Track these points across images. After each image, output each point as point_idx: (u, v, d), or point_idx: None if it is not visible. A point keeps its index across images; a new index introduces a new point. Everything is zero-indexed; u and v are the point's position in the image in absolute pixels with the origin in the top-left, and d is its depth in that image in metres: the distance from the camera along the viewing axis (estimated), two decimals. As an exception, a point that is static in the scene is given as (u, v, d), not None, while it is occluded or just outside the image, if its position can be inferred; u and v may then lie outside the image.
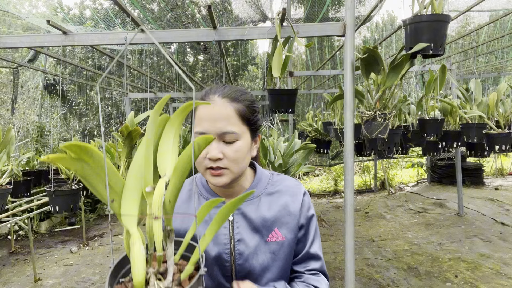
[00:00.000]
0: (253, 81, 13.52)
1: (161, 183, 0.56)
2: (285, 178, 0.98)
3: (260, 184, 0.95)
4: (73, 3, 15.31)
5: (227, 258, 0.87)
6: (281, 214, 0.91)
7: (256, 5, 4.35)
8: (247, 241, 0.88)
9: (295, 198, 0.93)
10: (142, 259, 0.52)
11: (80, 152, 0.51)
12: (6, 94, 7.57)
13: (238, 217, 0.90)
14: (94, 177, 0.55)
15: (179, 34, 2.19)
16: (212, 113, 0.83)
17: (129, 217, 0.56)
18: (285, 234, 0.90)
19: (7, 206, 3.88)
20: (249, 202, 0.91)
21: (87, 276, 3.87)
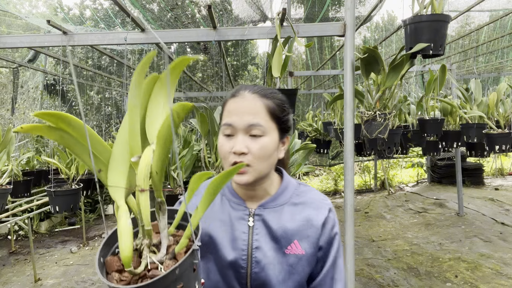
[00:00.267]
0: (253, 81, 13.51)
1: (147, 152, 0.52)
2: (311, 190, 0.95)
3: (286, 193, 0.91)
4: (73, 3, 15.33)
5: (243, 264, 0.85)
6: (303, 227, 0.86)
7: (256, 5, 4.35)
8: (265, 249, 0.85)
9: (319, 212, 0.89)
10: (128, 233, 0.49)
11: (57, 121, 0.48)
12: (6, 94, 7.57)
13: (258, 223, 0.87)
14: (77, 147, 0.51)
15: (179, 34, 2.19)
16: (241, 107, 0.82)
17: (116, 189, 0.53)
18: (305, 248, 0.85)
19: (7, 206, 3.88)
20: (272, 210, 0.88)
21: (87, 276, 3.87)
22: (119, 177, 0.53)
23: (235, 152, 0.80)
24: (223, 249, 0.86)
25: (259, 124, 0.80)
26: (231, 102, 0.85)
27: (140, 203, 0.52)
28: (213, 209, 0.91)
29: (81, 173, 2.62)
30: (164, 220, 0.56)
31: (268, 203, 0.88)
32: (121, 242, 0.49)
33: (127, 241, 0.49)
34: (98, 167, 0.54)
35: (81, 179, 2.72)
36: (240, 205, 0.89)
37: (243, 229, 0.87)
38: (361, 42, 8.50)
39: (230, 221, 0.88)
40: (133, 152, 0.53)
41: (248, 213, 0.88)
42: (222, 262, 0.86)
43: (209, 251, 0.88)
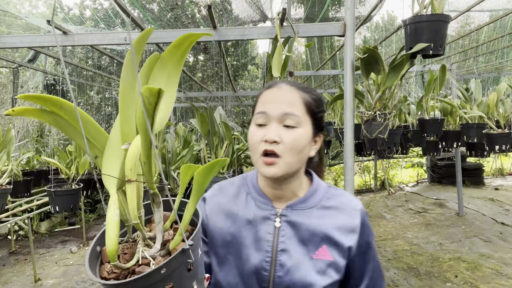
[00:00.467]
0: (253, 81, 13.52)
1: (136, 140, 0.49)
2: (343, 194, 0.89)
3: (315, 196, 0.86)
4: (73, 3, 15.34)
5: (266, 267, 0.80)
6: (333, 232, 0.81)
7: (256, 5, 4.35)
8: (291, 252, 0.80)
9: (352, 220, 0.83)
10: (114, 225, 0.47)
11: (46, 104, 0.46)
12: (6, 94, 7.57)
13: (285, 224, 0.82)
14: (71, 131, 0.49)
15: (179, 34, 2.18)
16: (277, 96, 0.80)
17: (109, 177, 0.50)
18: (334, 255, 0.80)
19: (7, 206, 3.88)
20: (300, 212, 0.83)
21: (87, 276, 3.87)
22: (114, 165, 0.50)
23: (266, 140, 0.76)
24: (245, 249, 0.82)
25: (294, 114, 0.77)
26: (266, 93, 0.83)
27: (127, 194, 0.49)
28: (237, 207, 0.87)
29: (81, 173, 2.62)
30: (159, 213, 0.54)
31: (296, 204, 0.84)
32: (106, 235, 0.47)
33: (113, 234, 0.46)
34: (94, 153, 0.52)
35: (81, 179, 2.72)
36: (267, 204, 0.85)
37: (268, 229, 0.82)
38: (361, 42, 8.50)
39: (255, 221, 0.84)
40: (125, 139, 0.50)
41: (274, 213, 0.83)
42: (244, 263, 0.82)
43: (230, 251, 0.84)
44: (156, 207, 0.53)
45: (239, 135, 3.78)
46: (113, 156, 0.51)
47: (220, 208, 0.89)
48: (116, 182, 0.50)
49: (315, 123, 0.83)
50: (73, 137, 0.50)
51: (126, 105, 0.50)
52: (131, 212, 0.50)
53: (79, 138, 0.49)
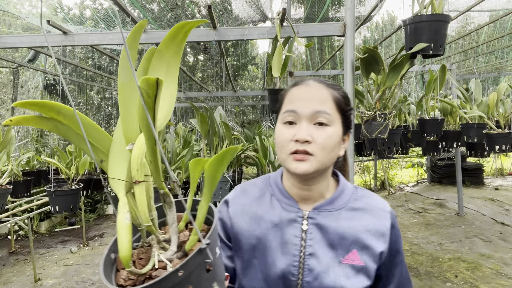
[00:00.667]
0: (253, 81, 13.52)
1: (140, 140, 0.47)
2: (371, 195, 0.86)
3: (342, 197, 0.83)
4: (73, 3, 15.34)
5: (294, 271, 0.76)
6: (363, 236, 0.78)
7: (256, 5, 4.35)
8: (320, 256, 0.76)
9: (382, 223, 0.80)
10: (126, 230, 0.45)
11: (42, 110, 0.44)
12: (6, 94, 7.57)
13: (312, 227, 0.78)
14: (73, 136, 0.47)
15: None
16: (307, 94, 0.77)
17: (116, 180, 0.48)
18: (365, 260, 0.77)
19: (7, 206, 3.88)
20: (328, 214, 0.80)
21: (87, 276, 3.87)
22: (120, 168, 0.48)
23: (297, 140, 0.73)
24: (271, 253, 0.78)
25: (326, 112, 0.74)
26: (293, 90, 0.79)
27: (136, 196, 0.47)
28: (262, 209, 0.83)
29: (81, 173, 2.62)
30: (171, 213, 0.51)
31: (323, 206, 0.81)
32: (118, 240, 0.45)
33: (125, 239, 0.44)
34: (99, 157, 0.49)
35: (81, 179, 2.72)
36: (293, 206, 0.81)
37: (295, 232, 0.79)
38: (361, 42, 8.50)
39: (281, 223, 0.80)
40: (129, 139, 0.48)
41: (301, 216, 0.80)
42: (270, 268, 0.78)
43: (255, 255, 0.80)
44: (168, 208, 0.51)
45: (239, 135, 3.78)
46: (119, 158, 0.49)
47: (244, 210, 0.85)
48: (124, 185, 0.48)
49: (345, 121, 0.80)
50: (76, 142, 0.48)
51: (126, 103, 0.48)
52: (142, 215, 0.48)
53: (82, 143, 0.47)
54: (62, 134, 0.46)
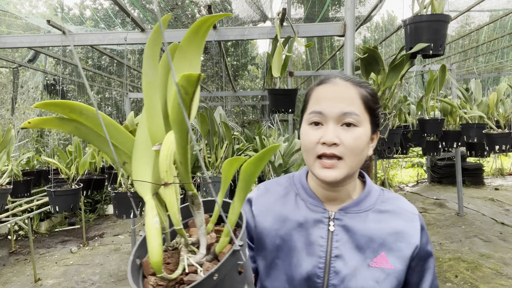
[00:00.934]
0: (253, 81, 13.52)
1: (168, 139, 0.45)
2: (398, 198, 0.83)
3: (369, 198, 0.80)
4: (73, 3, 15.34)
5: (320, 273, 0.74)
6: (392, 238, 0.76)
7: (256, 5, 4.35)
8: (347, 259, 0.74)
9: (411, 225, 0.78)
10: (156, 234, 0.43)
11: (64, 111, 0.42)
12: (6, 94, 7.57)
13: (339, 229, 0.76)
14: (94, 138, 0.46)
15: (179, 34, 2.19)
16: (333, 93, 0.73)
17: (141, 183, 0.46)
18: (394, 262, 0.74)
19: (7, 206, 3.88)
20: (355, 215, 0.77)
21: (87, 276, 3.87)
22: (144, 169, 0.47)
23: (324, 143, 0.70)
24: (296, 254, 0.76)
25: (354, 113, 0.71)
26: (319, 89, 0.76)
27: (165, 199, 0.46)
28: (287, 209, 0.81)
29: (81, 173, 2.62)
30: (200, 215, 0.50)
31: (350, 207, 0.78)
32: (148, 245, 0.43)
33: (155, 244, 0.43)
34: (122, 159, 0.48)
35: (81, 179, 2.72)
36: (318, 206, 0.79)
37: (321, 233, 0.76)
38: (361, 42, 8.51)
39: (306, 224, 0.78)
40: (154, 139, 0.46)
41: (327, 216, 0.77)
42: (294, 269, 0.76)
43: (279, 256, 0.78)
44: (196, 209, 0.50)
45: (239, 135, 3.78)
46: (143, 160, 0.47)
47: (268, 209, 0.83)
48: (151, 187, 0.47)
49: (373, 120, 0.76)
50: (97, 145, 0.46)
51: (152, 102, 0.46)
52: (173, 217, 0.46)
53: (105, 145, 0.46)
54: (83, 136, 0.45)
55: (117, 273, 3.94)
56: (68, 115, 0.43)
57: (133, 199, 1.98)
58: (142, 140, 0.47)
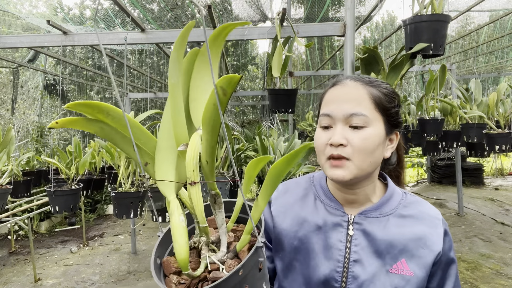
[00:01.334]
0: (253, 81, 13.52)
1: (194, 139, 0.46)
2: (422, 202, 0.81)
3: (391, 202, 0.78)
4: (73, 3, 15.34)
5: (338, 278, 0.73)
6: (413, 244, 0.74)
7: (256, 5, 4.35)
8: (366, 264, 0.73)
9: (434, 231, 0.76)
10: (182, 232, 0.44)
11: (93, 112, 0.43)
12: (6, 94, 7.57)
13: (358, 233, 0.75)
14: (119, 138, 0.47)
15: (179, 34, 2.19)
16: (341, 95, 0.73)
17: (165, 183, 0.47)
18: (414, 269, 0.73)
19: (7, 206, 3.88)
20: (375, 220, 0.76)
21: (87, 276, 3.87)
22: (168, 169, 0.48)
23: (332, 144, 0.70)
24: (314, 257, 0.76)
25: (361, 113, 0.70)
26: (330, 91, 0.77)
27: (192, 197, 0.47)
28: (306, 211, 0.80)
29: (81, 173, 2.62)
30: (221, 214, 0.51)
31: (370, 211, 0.77)
32: (175, 243, 0.44)
33: (182, 241, 0.43)
34: (144, 160, 0.48)
35: (81, 179, 2.72)
36: (338, 209, 0.78)
37: (339, 237, 0.76)
38: (361, 42, 8.51)
39: (325, 227, 0.77)
40: (179, 140, 0.47)
41: (346, 220, 0.77)
42: (312, 272, 0.75)
43: (297, 258, 0.77)
44: (217, 208, 0.51)
45: (239, 135, 3.78)
46: (166, 160, 0.48)
47: (287, 210, 0.82)
48: (175, 186, 0.48)
49: (388, 120, 0.75)
50: (121, 146, 0.47)
51: (177, 104, 0.47)
52: (199, 215, 0.47)
53: (128, 146, 0.47)
54: (106, 136, 0.46)
55: (117, 273, 3.94)
56: (95, 116, 0.44)
57: (133, 200, 1.99)
58: (164, 141, 0.48)
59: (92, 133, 0.44)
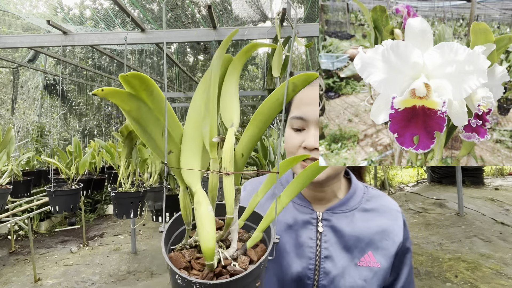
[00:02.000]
0: (253, 81, 13.52)
1: (231, 134, 0.48)
2: (382, 196, 0.85)
3: (355, 198, 0.82)
4: (73, 3, 15.34)
5: (310, 275, 0.75)
6: (378, 237, 0.77)
7: (256, 5, 4.35)
8: (336, 259, 0.75)
9: (395, 223, 0.80)
10: (211, 222, 0.44)
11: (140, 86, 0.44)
12: (6, 94, 7.58)
13: (327, 229, 0.77)
14: (152, 121, 0.47)
15: (179, 34, 2.19)
16: (313, 98, 0.73)
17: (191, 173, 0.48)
18: (380, 260, 0.76)
19: (7, 206, 3.88)
20: (342, 216, 0.79)
21: (87, 276, 3.87)
22: (193, 159, 0.48)
23: (306, 147, 0.71)
24: (286, 256, 0.77)
25: None
26: (301, 92, 0.75)
27: (224, 187, 0.47)
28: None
29: (81, 173, 2.62)
30: (236, 210, 0.51)
31: (337, 207, 0.79)
32: (202, 231, 0.43)
33: (210, 230, 0.43)
34: (169, 148, 0.49)
35: (81, 179, 2.72)
36: (306, 207, 0.80)
37: (310, 235, 0.77)
38: (361, 42, 8.51)
39: (295, 225, 0.79)
40: (212, 132, 0.48)
41: (315, 217, 0.78)
42: (284, 271, 0.76)
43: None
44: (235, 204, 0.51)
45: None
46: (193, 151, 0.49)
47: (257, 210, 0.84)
48: (200, 176, 0.49)
49: None
50: (150, 128, 0.48)
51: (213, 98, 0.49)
52: (229, 206, 0.47)
53: (156, 131, 0.48)
54: (139, 117, 0.46)
55: (117, 273, 3.94)
56: (138, 93, 0.44)
57: (133, 200, 1.98)
58: (192, 132, 0.49)
59: (126, 111, 0.44)
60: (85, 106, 9.23)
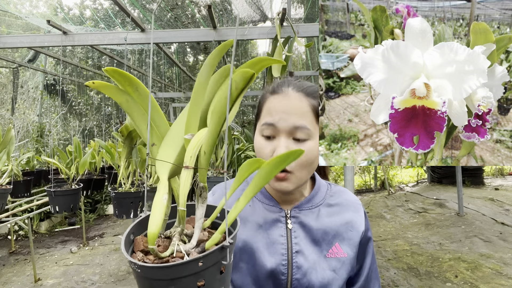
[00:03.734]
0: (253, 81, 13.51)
1: (202, 132, 0.50)
2: (344, 191, 0.91)
3: (319, 194, 0.87)
4: (73, 3, 15.33)
5: (283, 270, 0.78)
6: (343, 228, 0.82)
7: (256, 5, 4.35)
8: (306, 253, 0.79)
9: (358, 214, 0.86)
10: (161, 208, 0.46)
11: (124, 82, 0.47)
12: (6, 94, 7.58)
13: (296, 226, 0.81)
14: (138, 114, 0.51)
15: (179, 34, 2.19)
16: (285, 106, 0.74)
17: (162, 164, 0.50)
18: (347, 250, 0.81)
19: (7, 206, 3.88)
20: (308, 212, 0.83)
21: (87, 276, 3.87)
22: (170, 153, 0.51)
23: None
24: (259, 255, 0.79)
25: (305, 127, 0.72)
26: (272, 99, 0.77)
27: (181, 180, 0.49)
28: (245, 211, 0.84)
29: (81, 173, 2.62)
30: (202, 209, 0.52)
31: (303, 204, 0.84)
32: (151, 216, 0.45)
33: (158, 216, 0.45)
34: (153, 141, 0.52)
35: (81, 179, 2.72)
36: (275, 206, 0.83)
37: (280, 232, 0.80)
38: (361, 42, 8.51)
39: (265, 224, 0.82)
40: (187, 129, 0.51)
41: (284, 215, 0.82)
42: (259, 270, 0.79)
43: (242, 258, 0.80)
44: (200, 202, 0.52)
45: (239, 135, 3.78)
46: (171, 145, 0.52)
47: None
48: (169, 169, 0.51)
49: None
50: (137, 121, 0.52)
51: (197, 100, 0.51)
52: (182, 197, 0.49)
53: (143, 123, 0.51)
54: (128, 109, 0.50)
55: (117, 273, 3.94)
56: (125, 87, 0.48)
57: (134, 200, 1.98)
58: (176, 130, 0.52)
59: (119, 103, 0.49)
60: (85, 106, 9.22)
